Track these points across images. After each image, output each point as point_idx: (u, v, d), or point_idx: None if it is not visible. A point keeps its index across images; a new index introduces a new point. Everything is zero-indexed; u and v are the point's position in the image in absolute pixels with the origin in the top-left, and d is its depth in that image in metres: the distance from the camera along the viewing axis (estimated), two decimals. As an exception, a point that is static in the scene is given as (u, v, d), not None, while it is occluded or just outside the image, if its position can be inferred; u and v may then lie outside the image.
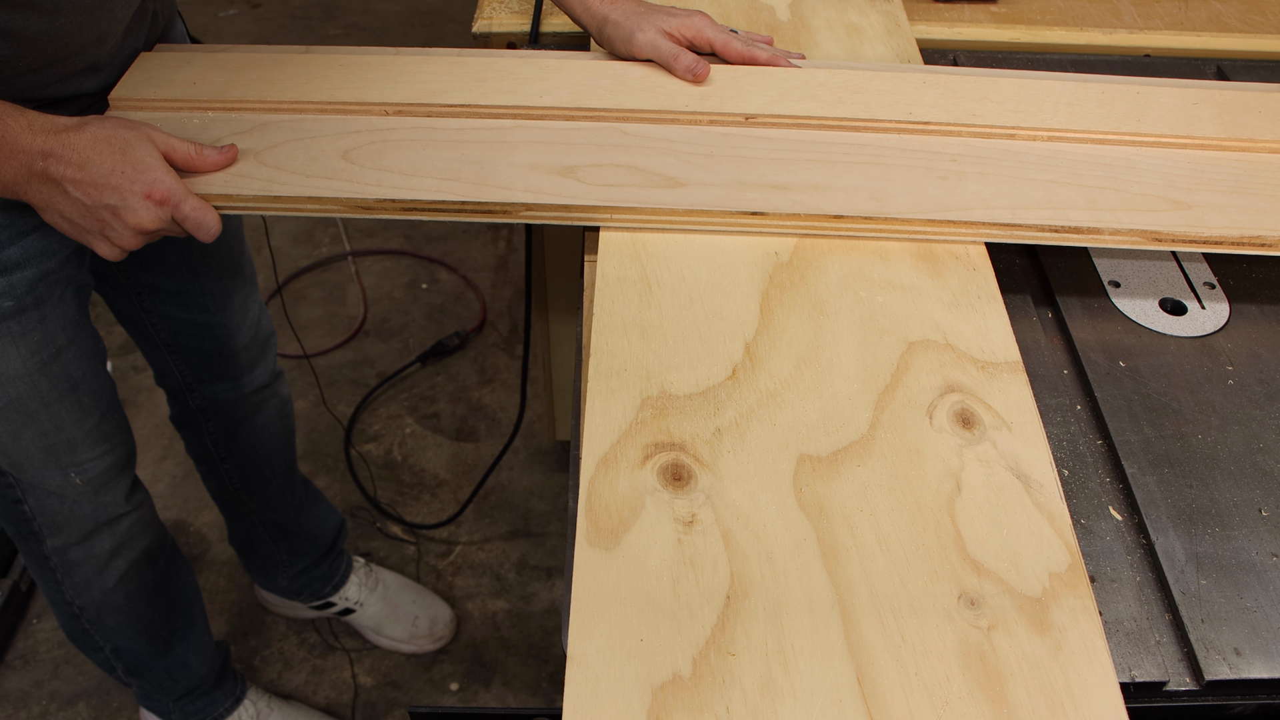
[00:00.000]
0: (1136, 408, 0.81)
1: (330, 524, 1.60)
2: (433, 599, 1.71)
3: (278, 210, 0.85)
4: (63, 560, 1.18)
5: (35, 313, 0.96)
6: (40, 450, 1.05)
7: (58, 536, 1.15)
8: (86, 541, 1.17)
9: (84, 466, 1.09)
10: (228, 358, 1.29)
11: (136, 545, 1.22)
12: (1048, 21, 1.21)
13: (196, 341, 1.25)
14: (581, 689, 0.58)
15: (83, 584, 1.21)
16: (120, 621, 1.28)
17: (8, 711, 1.58)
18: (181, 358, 1.27)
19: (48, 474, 1.08)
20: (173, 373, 1.30)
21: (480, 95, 0.95)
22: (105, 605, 1.25)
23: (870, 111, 0.94)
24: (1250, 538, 0.72)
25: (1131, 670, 0.66)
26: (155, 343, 1.25)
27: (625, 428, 0.71)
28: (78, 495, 1.12)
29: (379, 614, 1.66)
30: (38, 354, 0.98)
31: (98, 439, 1.09)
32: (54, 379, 1.01)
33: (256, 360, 1.33)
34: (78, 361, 1.03)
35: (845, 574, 0.64)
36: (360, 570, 1.67)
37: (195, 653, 1.40)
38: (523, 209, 0.85)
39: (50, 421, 1.03)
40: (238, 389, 1.33)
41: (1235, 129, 0.95)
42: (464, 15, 3.13)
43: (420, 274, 2.33)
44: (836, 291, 0.82)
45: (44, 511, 1.13)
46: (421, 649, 1.67)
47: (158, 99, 0.93)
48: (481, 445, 1.97)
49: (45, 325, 0.98)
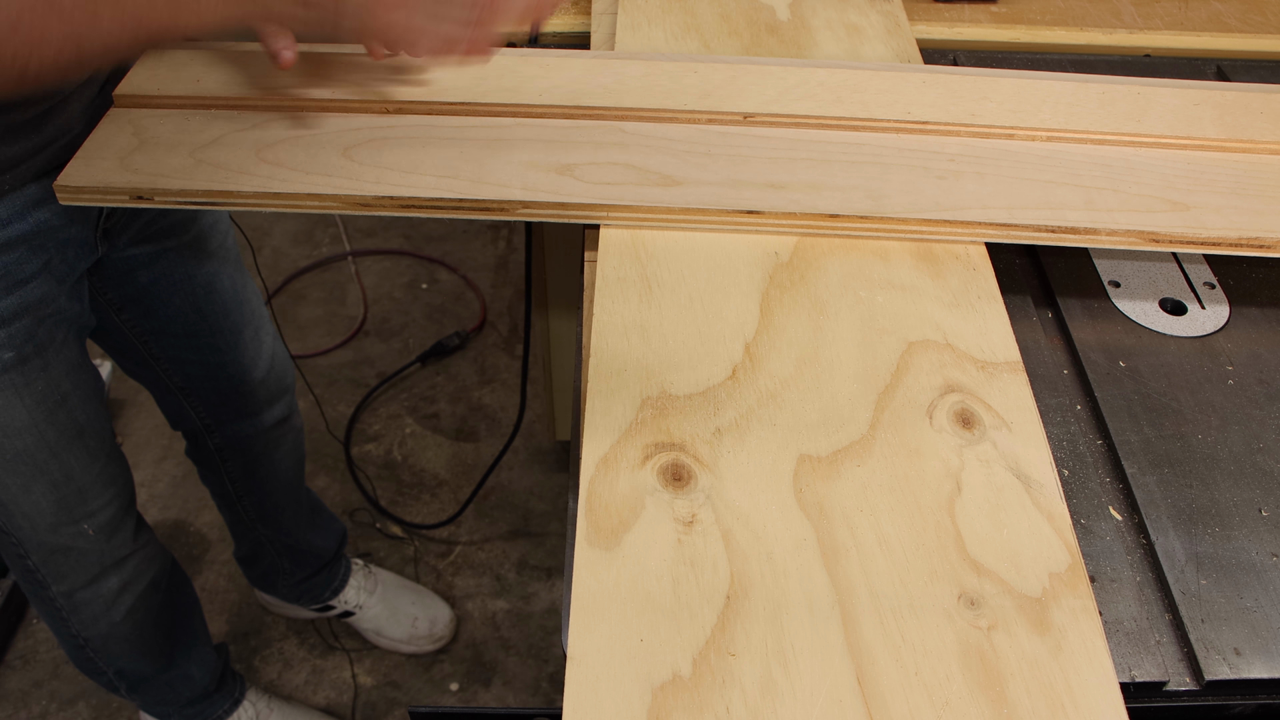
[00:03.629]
0: (1136, 408, 0.81)
1: (335, 536, 1.60)
2: (432, 599, 1.71)
3: (277, 207, 0.85)
4: (69, 601, 1.16)
5: (38, 360, 0.93)
6: (52, 504, 1.03)
7: (63, 583, 1.13)
8: (94, 584, 1.15)
9: (95, 515, 1.07)
10: (245, 395, 1.25)
11: (143, 579, 1.21)
12: (1048, 21, 1.21)
13: (211, 383, 1.21)
14: (581, 689, 0.58)
15: (89, 620, 1.20)
16: (125, 649, 1.27)
17: (8, 711, 1.58)
18: (198, 400, 1.23)
19: (60, 530, 1.05)
20: (189, 416, 1.26)
21: (480, 93, 0.95)
22: (112, 636, 1.24)
23: (869, 111, 0.94)
24: (1250, 538, 0.72)
25: (1131, 670, 0.66)
26: (168, 388, 1.22)
27: (625, 428, 0.71)
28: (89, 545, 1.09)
29: (379, 616, 1.67)
30: (43, 403, 0.96)
31: (105, 482, 1.07)
32: (60, 427, 0.98)
33: (275, 395, 1.30)
34: (82, 405, 1.01)
35: (845, 574, 0.64)
36: (359, 573, 1.67)
37: (197, 664, 1.40)
38: (520, 206, 0.85)
39: (60, 471, 1.01)
40: (257, 425, 1.30)
41: (1236, 130, 0.95)
42: (464, 15, 3.12)
43: (420, 274, 2.33)
44: (836, 291, 0.81)
45: (49, 564, 1.11)
46: (421, 649, 1.67)
47: (161, 96, 0.93)
48: (481, 445, 1.97)
49: (49, 373, 0.95)
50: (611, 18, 1.13)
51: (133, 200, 0.84)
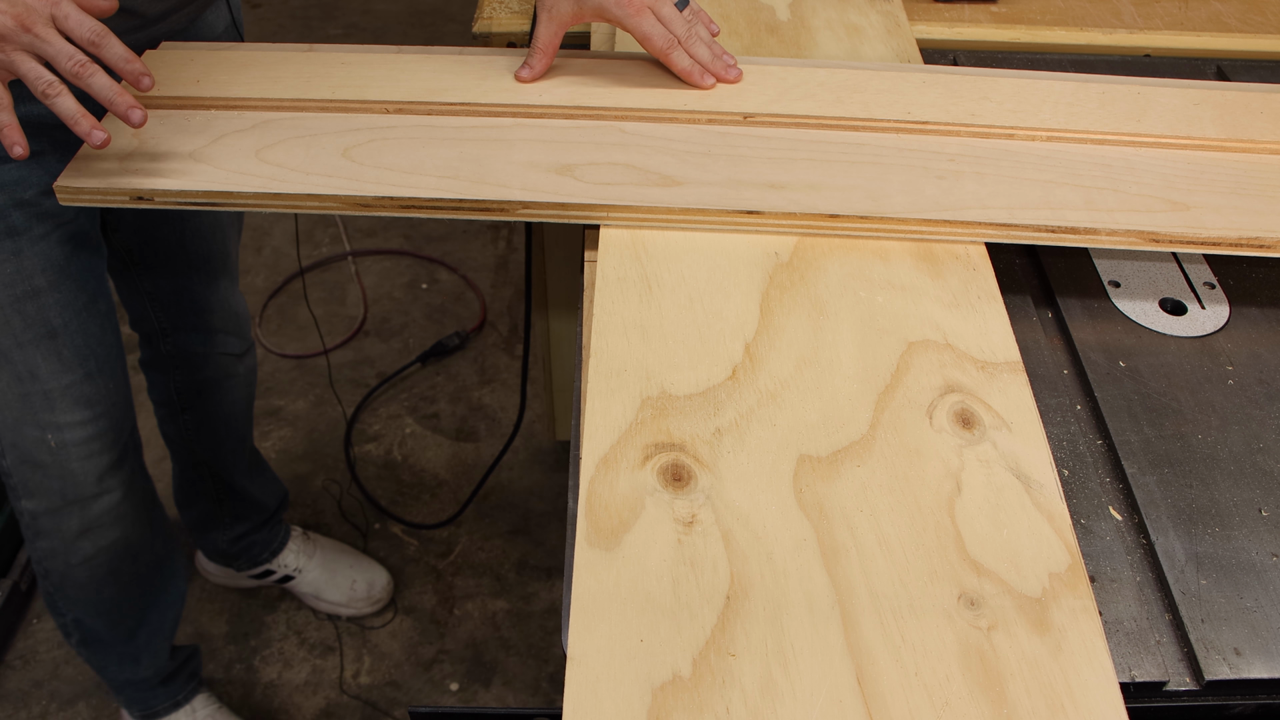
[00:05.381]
0: (1136, 408, 0.81)
1: (275, 493, 1.64)
2: (369, 563, 1.74)
3: (278, 207, 0.85)
4: (33, 523, 1.18)
5: (8, 243, 0.94)
6: (16, 397, 1.04)
7: (30, 500, 1.15)
8: (55, 514, 1.16)
9: (62, 430, 1.08)
10: (202, 316, 1.34)
11: (107, 534, 1.21)
12: (1048, 21, 1.21)
13: (175, 295, 1.29)
14: (581, 689, 0.58)
15: (48, 551, 1.22)
16: (81, 597, 1.28)
17: (8, 711, 1.58)
18: (160, 306, 1.31)
19: (24, 429, 1.07)
20: (149, 317, 1.32)
21: (480, 94, 0.95)
22: (68, 578, 1.25)
23: (869, 111, 0.94)
24: (1250, 538, 0.72)
25: (1131, 670, 0.66)
26: (137, 290, 1.28)
27: (625, 428, 0.71)
28: (51, 460, 1.10)
29: (317, 580, 1.69)
30: (9, 288, 0.97)
31: (77, 400, 1.07)
32: (29, 319, 0.99)
33: (230, 328, 1.38)
34: (59, 309, 1.01)
35: (845, 574, 0.64)
36: (298, 538, 1.70)
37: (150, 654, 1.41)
38: (519, 207, 0.85)
39: (24, 365, 1.02)
40: (208, 345, 1.37)
41: (1236, 129, 0.94)
42: (464, 15, 3.13)
43: (420, 274, 2.33)
44: (836, 292, 0.81)
45: (18, 472, 1.12)
46: (360, 611, 1.70)
47: (161, 96, 0.93)
48: (481, 445, 1.97)
49: (20, 260, 0.96)
50: (611, 18, 1.13)
51: (133, 201, 0.84)
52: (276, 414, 2.00)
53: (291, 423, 1.99)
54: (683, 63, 0.94)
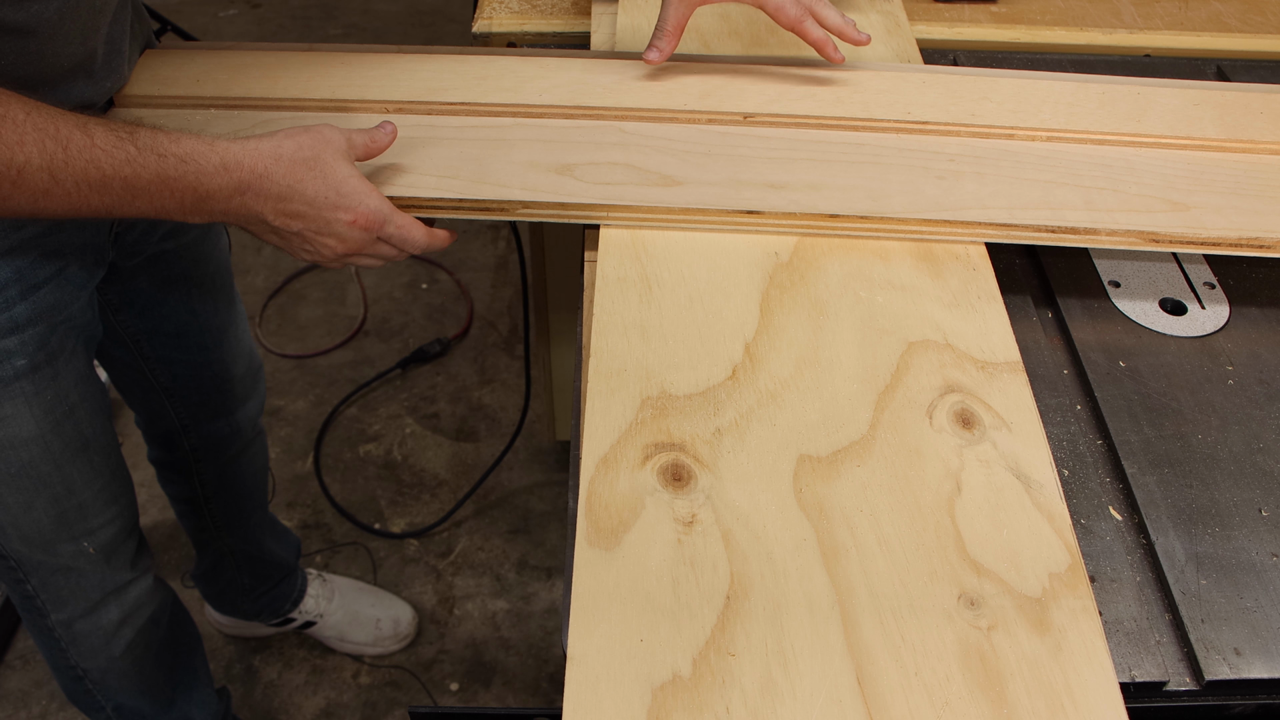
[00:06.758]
0: (1136, 408, 0.81)
1: (291, 545, 1.59)
2: (391, 599, 1.70)
3: (277, 210, 0.85)
4: (68, 632, 1.15)
5: (49, 369, 0.92)
6: (52, 520, 1.01)
7: (63, 610, 1.12)
8: (94, 614, 1.14)
9: (96, 533, 1.06)
10: (225, 392, 1.27)
11: (143, 613, 1.19)
12: (1048, 21, 1.21)
13: (196, 381, 1.23)
14: (581, 689, 0.58)
15: (88, 653, 1.18)
16: (125, 684, 1.25)
17: (8, 711, 1.58)
18: (179, 400, 1.24)
19: (60, 547, 1.04)
20: (168, 416, 1.26)
21: (480, 94, 0.95)
22: (111, 670, 1.22)
23: (869, 111, 0.94)
24: (1250, 538, 0.72)
25: (1131, 670, 0.66)
26: (152, 388, 1.22)
27: (625, 428, 0.71)
28: (89, 566, 1.08)
29: (340, 623, 1.65)
30: (51, 414, 0.95)
31: (108, 500, 1.06)
32: (66, 439, 0.98)
33: (250, 392, 1.32)
34: (89, 418, 1.00)
35: (845, 574, 0.64)
36: (315, 582, 1.65)
37: (198, 706, 1.38)
38: (519, 206, 0.85)
39: (63, 485, 1.00)
40: (233, 424, 1.31)
41: (1236, 130, 0.94)
42: (464, 15, 3.13)
43: (420, 274, 2.33)
44: (836, 292, 0.81)
45: (48, 589, 1.09)
46: (387, 650, 1.66)
47: (162, 96, 0.93)
48: (481, 445, 1.97)
49: (58, 382, 0.94)
50: (612, 18, 1.13)
51: (133, 200, 0.84)
52: (277, 414, 2.00)
53: (291, 423, 1.99)
54: (816, 33, 0.93)
